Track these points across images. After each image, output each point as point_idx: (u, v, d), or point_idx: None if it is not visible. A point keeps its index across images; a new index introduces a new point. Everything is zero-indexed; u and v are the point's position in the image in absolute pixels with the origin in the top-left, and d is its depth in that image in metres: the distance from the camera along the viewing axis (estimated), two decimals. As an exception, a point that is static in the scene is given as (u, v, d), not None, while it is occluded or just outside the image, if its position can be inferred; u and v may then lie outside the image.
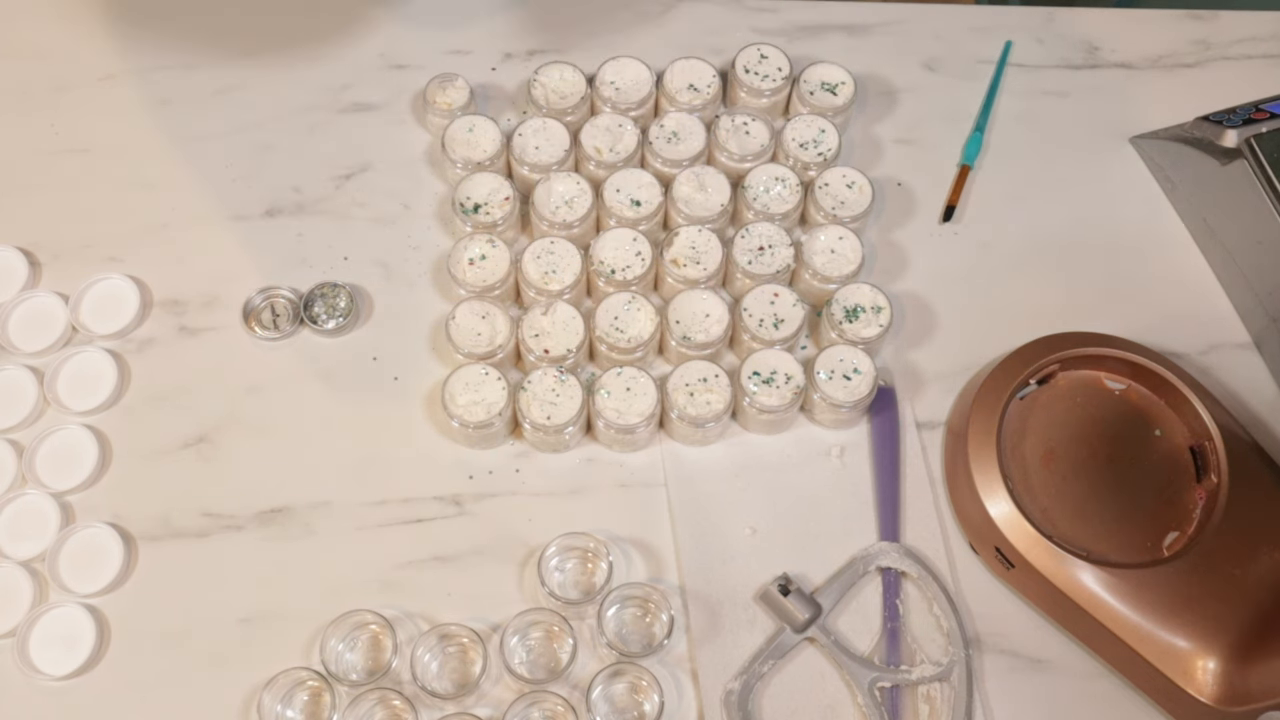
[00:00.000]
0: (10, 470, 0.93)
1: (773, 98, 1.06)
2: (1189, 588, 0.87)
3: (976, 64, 1.13)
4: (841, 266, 0.98)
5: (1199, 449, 0.93)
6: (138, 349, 0.98)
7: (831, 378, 0.94)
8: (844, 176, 1.02)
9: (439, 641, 0.88)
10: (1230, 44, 1.14)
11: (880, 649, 0.89)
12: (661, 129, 1.03)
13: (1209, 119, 1.00)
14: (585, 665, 0.88)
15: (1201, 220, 1.04)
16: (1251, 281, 1.00)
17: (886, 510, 0.93)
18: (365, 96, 1.09)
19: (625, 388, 0.93)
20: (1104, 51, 1.14)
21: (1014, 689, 0.89)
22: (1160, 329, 1.00)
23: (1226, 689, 0.84)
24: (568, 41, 1.11)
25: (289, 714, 0.86)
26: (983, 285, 1.03)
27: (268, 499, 0.93)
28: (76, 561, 0.90)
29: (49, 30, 1.10)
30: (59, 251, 1.01)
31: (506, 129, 1.04)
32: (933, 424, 0.98)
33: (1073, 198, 1.07)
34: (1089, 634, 0.88)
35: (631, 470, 0.95)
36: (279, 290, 1.00)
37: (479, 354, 0.94)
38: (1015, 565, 0.89)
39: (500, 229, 0.99)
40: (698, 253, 0.98)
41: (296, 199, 1.04)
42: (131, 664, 0.88)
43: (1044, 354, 0.94)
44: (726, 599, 0.91)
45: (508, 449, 0.96)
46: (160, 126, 1.07)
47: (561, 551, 0.91)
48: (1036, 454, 0.93)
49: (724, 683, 0.88)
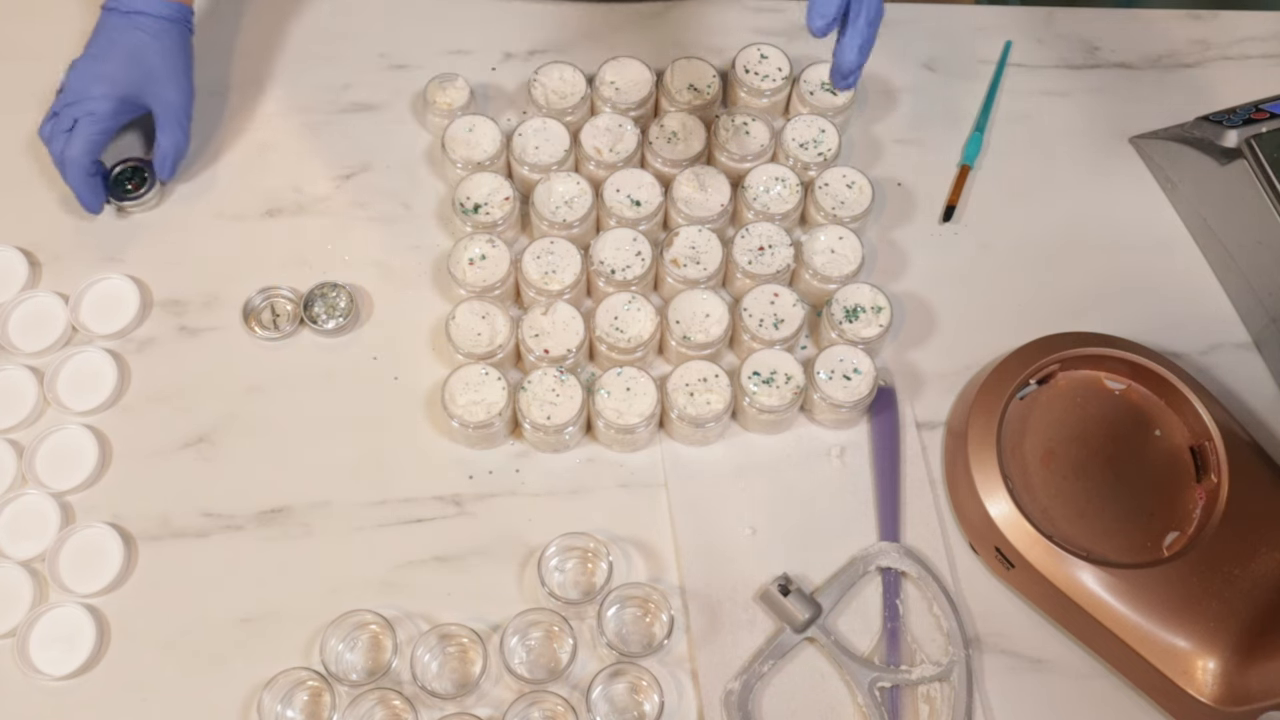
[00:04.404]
0: (10, 470, 0.93)
1: (773, 98, 1.06)
2: (1189, 588, 0.87)
3: (976, 64, 1.13)
4: (841, 266, 0.98)
5: (1199, 449, 0.93)
6: (138, 349, 0.98)
7: (831, 378, 0.94)
8: (844, 176, 1.02)
9: (439, 641, 0.88)
10: (1230, 44, 1.14)
11: (880, 649, 0.89)
12: (661, 129, 1.03)
13: (1209, 119, 1.00)
14: (585, 665, 0.88)
15: (1201, 220, 1.04)
16: (1251, 281, 1.00)
17: (886, 510, 0.93)
18: (365, 96, 1.09)
19: (625, 388, 0.93)
20: (1104, 51, 1.14)
21: (1014, 689, 0.89)
22: (1160, 329, 1.00)
23: (1226, 689, 0.84)
24: (568, 41, 1.11)
25: (289, 714, 0.86)
26: (983, 285, 1.03)
27: (268, 499, 0.93)
28: (76, 561, 0.90)
29: (48, 30, 1.10)
30: (59, 251, 1.01)
31: (506, 129, 1.04)
32: (933, 424, 0.98)
33: (1072, 198, 1.07)
34: (1089, 634, 0.88)
35: (631, 470, 0.95)
36: (279, 290, 1.00)
37: (479, 354, 0.94)
38: (1015, 565, 0.89)
39: (500, 229, 0.99)
40: (698, 253, 0.98)
41: (296, 199, 1.04)
42: (131, 664, 0.88)
43: (1044, 354, 0.94)
44: (726, 599, 0.91)
45: (508, 449, 0.96)
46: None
47: (561, 551, 0.91)
48: (1036, 454, 0.93)
49: (724, 683, 0.88)
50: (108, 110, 0.98)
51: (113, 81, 0.97)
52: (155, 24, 0.99)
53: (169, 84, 0.99)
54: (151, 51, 0.98)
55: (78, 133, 0.97)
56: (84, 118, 0.97)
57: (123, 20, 0.99)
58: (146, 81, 0.99)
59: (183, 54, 1.01)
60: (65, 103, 0.98)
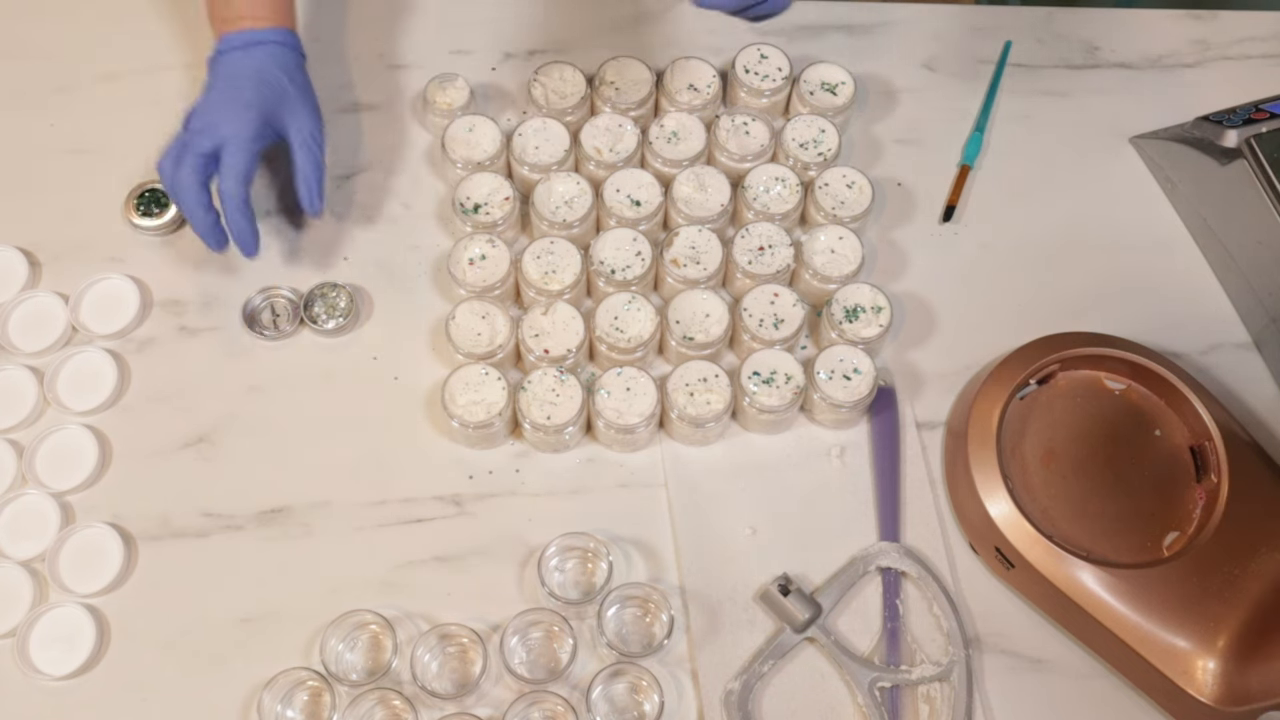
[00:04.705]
0: (10, 470, 0.93)
1: (773, 98, 1.06)
2: (1189, 588, 0.87)
3: (976, 64, 1.13)
4: (841, 266, 0.98)
5: (1199, 449, 0.93)
6: (138, 349, 0.98)
7: (831, 378, 0.94)
8: (844, 176, 1.02)
9: (439, 641, 0.88)
10: (1230, 44, 1.14)
11: (880, 649, 0.89)
12: (661, 129, 1.03)
13: (1209, 119, 1.00)
14: (585, 665, 0.88)
15: (1201, 220, 1.04)
16: (1251, 281, 1.00)
17: (886, 510, 0.93)
18: (365, 96, 1.09)
19: (625, 388, 0.93)
20: (1104, 51, 1.14)
21: (1014, 689, 0.89)
22: (1160, 329, 1.00)
23: (1226, 689, 0.84)
24: (568, 41, 1.11)
25: (289, 714, 0.86)
26: (983, 285, 1.03)
27: (268, 499, 0.93)
28: (76, 561, 0.90)
29: (49, 30, 1.10)
30: (59, 251, 1.01)
31: (506, 129, 1.04)
32: (933, 424, 0.98)
33: (1072, 198, 1.07)
34: (1089, 634, 0.88)
35: (631, 470, 0.95)
36: (279, 290, 1.00)
37: (479, 354, 0.94)
38: (1015, 565, 0.89)
39: (500, 229, 0.99)
40: (698, 253, 0.98)
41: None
42: (131, 664, 0.88)
43: (1044, 354, 0.94)
44: (726, 599, 0.91)
45: (508, 449, 0.96)
46: (160, 126, 1.07)
47: (561, 551, 0.91)
48: (1036, 454, 0.93)
49: (724, 683, 0.88)
50: (250, 134, 0.93)
51: (248, 106, 0.93)
52: (275, 50, 0.97)
53: (300, 106, 0.96)
54: (279, 75, 0.95)
55: (226, 166, 0.92)
56: (228, 145, 0.92)
57: (241, 54, 0.96)
58: (279, 105, 0.95)
59: (305, 76, 0.99)
60: (196, 131, 0.93)
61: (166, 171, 0.94)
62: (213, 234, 0.94)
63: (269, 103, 0.95)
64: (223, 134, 0.93)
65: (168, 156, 0.94)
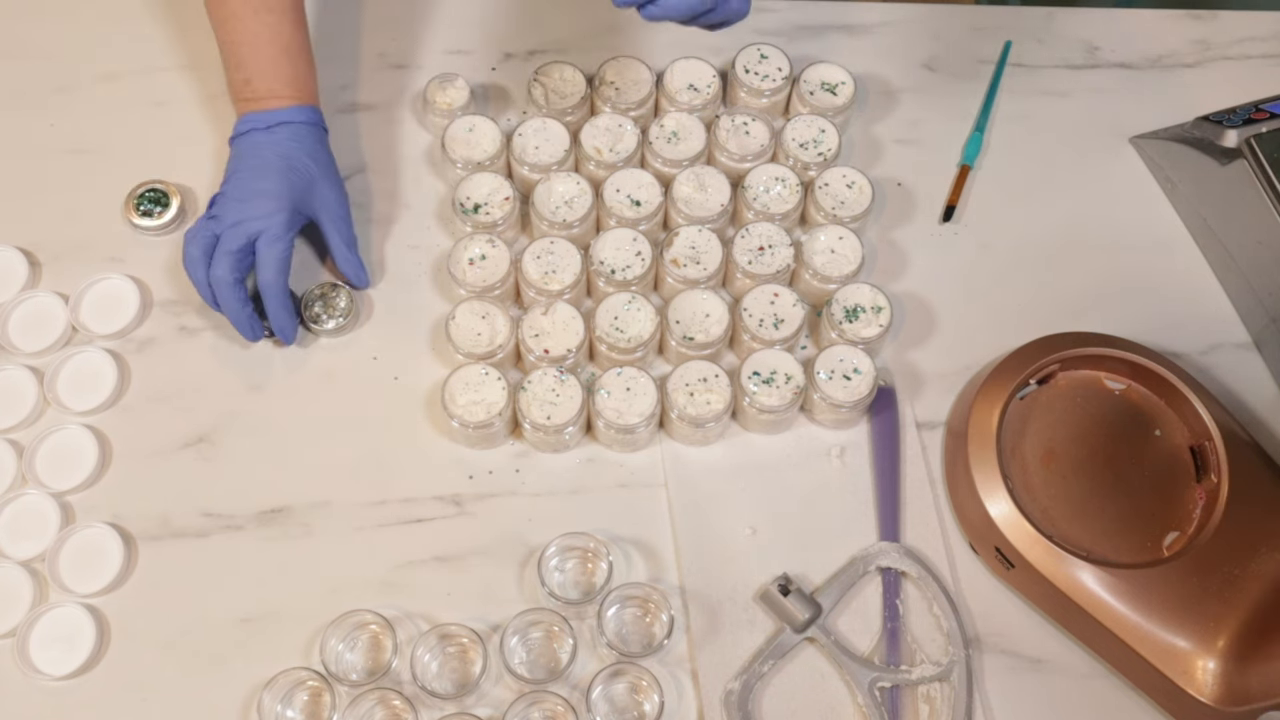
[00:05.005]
0: (10, 470, 0.93)
1: (773, 98, 1.06)
2: (1189, 588, 0.87)
3: (976, 64, 1.13)
4: (841, 266, 0.98)
5: (1199, 449, 0.93)
6: (138, 349, 0.98)
7: (831, 378, 0.94)
8: (844, 176, 1.02)
9: (439, 641, 0.88)
10: (1230, 44, 1.14)
11: (880, 649, 0.89)
12: (661, 129, 1.03)
13: (1209, 119, 1.00)
14: (585, 665, 0.88)
15: (1201, 220, 1.04)
16: (1251, 281, 1.00)
17: (886, 510, 0.93)
18: (365, 96, 1.09)
19: (625, 388, 0.93)
20: (1104, 51, 1.14)
21: (1014, 689, 0.89)
22: (1160, 329, 1.00)
23: (1226, 689, 0.84)
24: (568, 41, 1.11)
25: (289, 714, 0.86)
26: (983, 285, 1.03)
27: (268, 499, 0.93)
28: (76, 561, 0.90)
29: (49, 30, 1.10)
30: (59, 251, 1.01)
31: (506, 129, 1.04)
32: (933, 424, 0.98)
33: (1072, 198, 1.07)
34: (1089, 634, 0.88)
35: (631, 470, 0.95)
36: (279, 290, 1.00)
37: (479, 354, 0.94)
38: (1015, 565, 0.89)
39: (500, 229, 0.99)
40: (698, 253, 0.98)
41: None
42: (131, 664, 0.88)
43: (1044, 354, 0.94)
44: (726, 599, 0.91)
45: (508, 449, 0.96)
46: (160, 126, 1.07)
47: (561, 551, 0.91)
48: (1036, 454, 0.93)
49: (724, 683, 0.88)
50: (282, 226, 0.93)
51: (278, 196, 0.93)
52: (299, 130, 0.96)
53: (328, 189, 0.97)
54: (304, 158, 0.95)
55: (264, 259, 0.92)
56: (263, 237, 0.92)
57: (265, 136, 0.95)
58: (308, 191, 0.95)
59: (328, 153, 0.99)
60: (228, 226, 0.92)
61: (197, 266, 0.93)
62: (249, 327, 0.95)
63: (297, 190, 0.95)
64: (255, 229, 0.93)
65: (194, 245, 0.93)
